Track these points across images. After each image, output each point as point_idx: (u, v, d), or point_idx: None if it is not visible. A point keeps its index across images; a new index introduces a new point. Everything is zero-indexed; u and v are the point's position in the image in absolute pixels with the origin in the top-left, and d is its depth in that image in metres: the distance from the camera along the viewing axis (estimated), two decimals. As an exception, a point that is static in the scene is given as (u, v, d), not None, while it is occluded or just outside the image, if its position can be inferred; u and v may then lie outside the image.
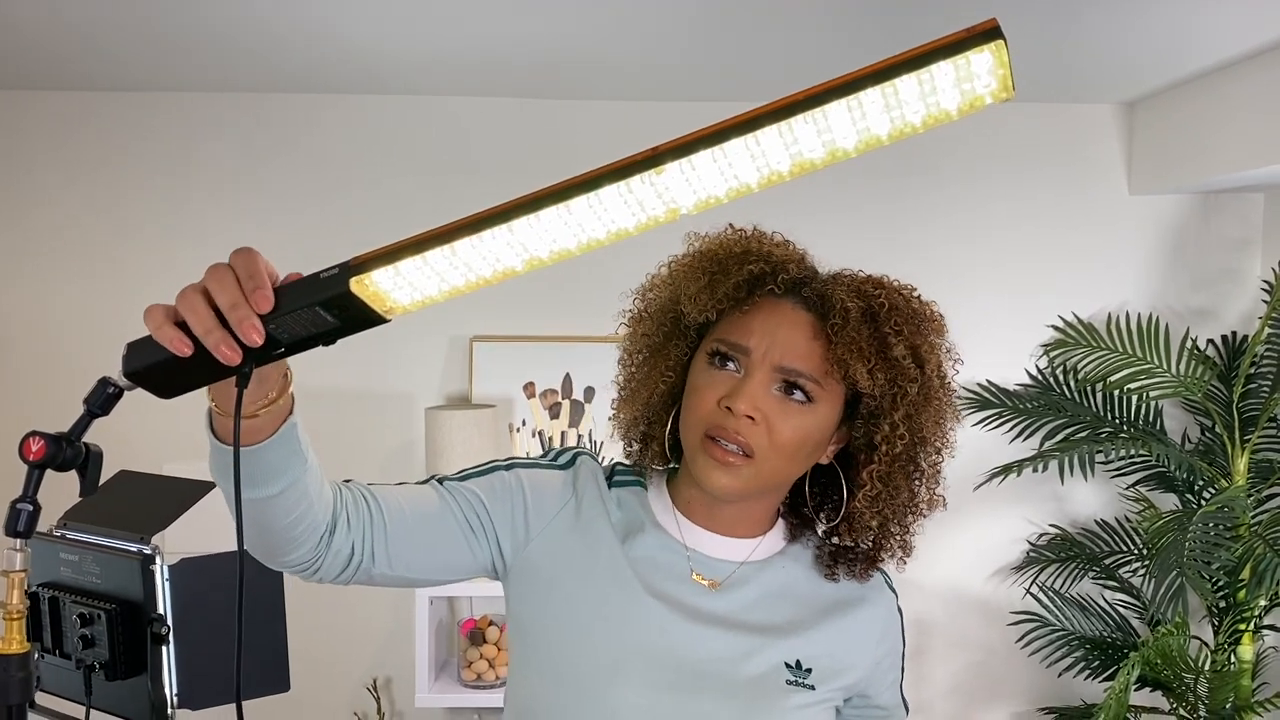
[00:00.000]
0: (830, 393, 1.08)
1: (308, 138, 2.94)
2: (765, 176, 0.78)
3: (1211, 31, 2.29)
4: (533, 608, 1.13)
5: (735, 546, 1.16)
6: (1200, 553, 2.40)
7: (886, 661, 1.20)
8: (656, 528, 1.16)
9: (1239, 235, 3.03)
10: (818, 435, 1.09)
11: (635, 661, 1.07)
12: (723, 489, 1.07)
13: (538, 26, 2.29)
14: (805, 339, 1.07)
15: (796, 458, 1.09)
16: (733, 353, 1.08)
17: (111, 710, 1.67)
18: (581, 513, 1.16)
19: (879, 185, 2.96)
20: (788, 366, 1.06)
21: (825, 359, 1.06)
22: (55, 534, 1.74)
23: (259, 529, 0.95)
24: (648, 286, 1.18)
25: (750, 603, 1.13)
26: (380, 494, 1.07)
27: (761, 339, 1.07)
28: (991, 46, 0.70)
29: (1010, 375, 3.00)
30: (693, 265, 1.12)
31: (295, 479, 0.93)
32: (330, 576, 1.05)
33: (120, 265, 2.93)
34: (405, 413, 2.95)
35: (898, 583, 1.25)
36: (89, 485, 0.89)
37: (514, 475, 1.16)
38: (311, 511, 0.97)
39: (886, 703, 1.23)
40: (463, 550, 1.12)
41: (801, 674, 1.11)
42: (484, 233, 0.79)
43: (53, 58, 2.59)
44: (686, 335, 1.15)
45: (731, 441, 1.05)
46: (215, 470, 0.94)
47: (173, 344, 0.80)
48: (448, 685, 2.74)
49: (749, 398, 1.05)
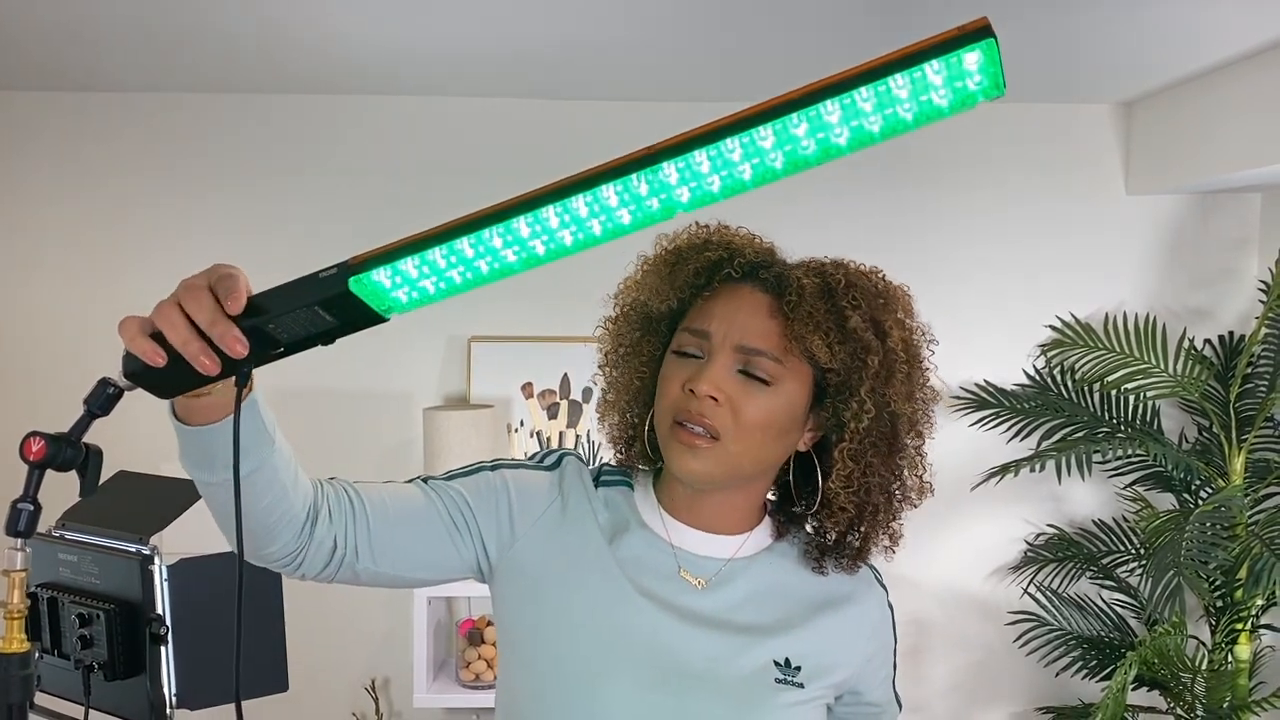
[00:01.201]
0: (794, 372, 1.09)
1: (306, 138, 2.94)
2: (760, 174, 0.79)
3: (1209, 31, 2.30)
4: (519, 609, 1.14)
5: (722, 543, 1.16)
6: (1197, 552, 2.40)
7: (878, 659, 1.20)
8: (643, 527, 1.16)
9: (1236, 235, 3.03)
10: (784, 416, 1.09)
11: (624, 661, 1.08)
12: (692, 473, 1.08)
13: (536, 27, 2.30)
14: (764, 318, 1.09)
15: (764, 440, 1.09)
16: (696, 342, 1.10)
17: (110, 710, 1.67)
18: (567, 513, 1.16)
19: (875, 185, 2.96)
20: (747, 345, 1.08)
21: (784, 336, 1.07)
22: (54, 534, 1.74)
23: (231, 520, 0.93)
24: (619, 291, 1.20)
25: (738, 601, 1.13)
26: (363, 489, 1.08)
27: (721, 322, 1.09)
28: (982, 45, 0.71)
29: (1008, 375, 3.00)
30: (656, 262, 1.15)
31: (263, 460, 0.92)
32: (314, 572, 1.05)
33: (120, 265, 2.93)
34: (403, 413, 2.96)
35: (896, 580, 1.25)
36: (89, 485, 0.89)
37: (499, 476, 1.17)
38: (286, 499, 0.97)
39: (878, 699, 1.22)
40: (447, 549, 1.12)
41: (791, 672, 1.11)
42: (481, 232, 0.80)
43: (49, 58, 2.59)
44: (658, 333, 1.18)
45: (696, 424, 1.07)
46: (185, 459, 0.93)
47: (147, 355, 0.81)
48: (446, 685, 2.74)
49: (710, 379, 1.07)
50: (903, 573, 2.98)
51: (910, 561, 3.13)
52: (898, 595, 1.25)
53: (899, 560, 1.20)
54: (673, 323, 1.16)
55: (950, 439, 2.98)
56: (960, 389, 2.98)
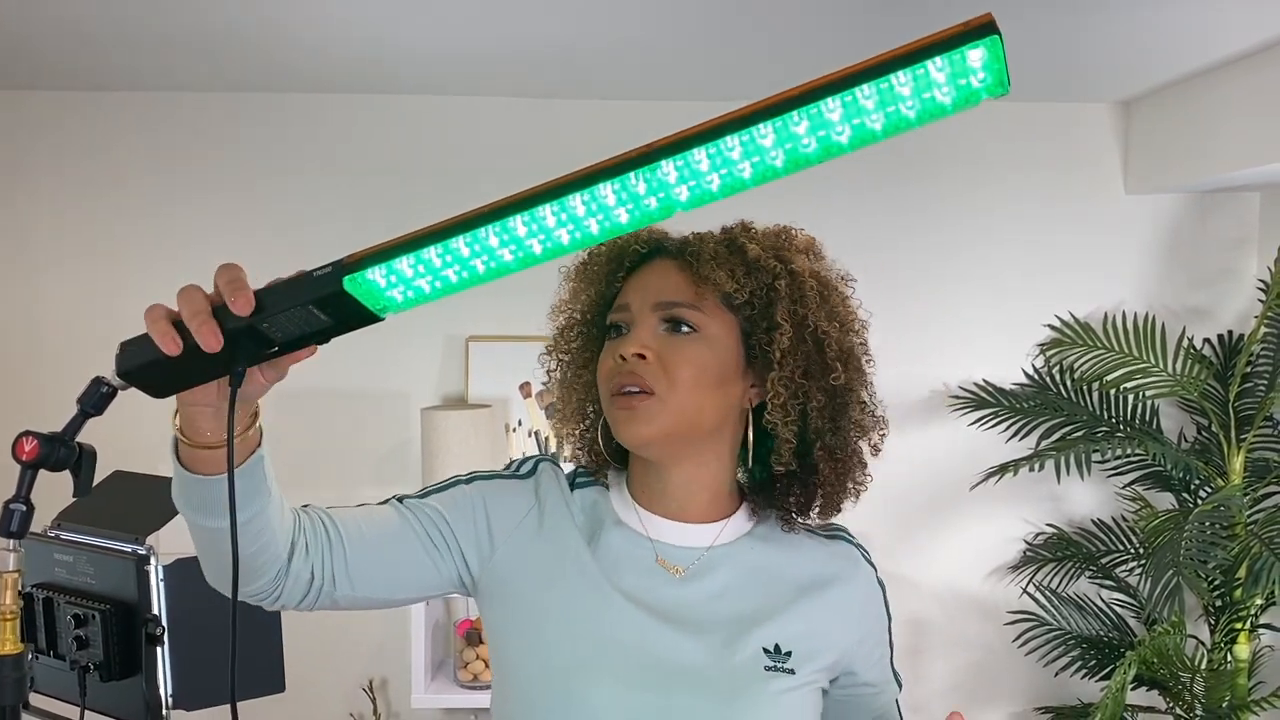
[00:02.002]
0: (716, 319, 1.12)
1: (301, 137, 2.93)
2: (760, 173, 0.78)
3: (1208, 30, 2.29)
4: (504, 619, 1.14)
5: (699, 532, 1.16)
6: (1196, 552, 2.40)
7: (871, 638, 1.19)
8: (619, 524, 1.17)
9: (1235, 234, 3.03)
10: (714, 364, 1.11)
11: (609, 664, 1.07)
12: (639, 436, 1.09)
13: (535, 26, 2.29)
14: (673, 274, 1.13)
15: (700, 388, 1.10)
16: (619, 318, 1.15)
17: (106, 711, 1.67)
18: (545, 519, 1.16)
19: (873, 184, 2.96)
20: (663, 301, 1.12)
21: (694, 282, 1.11)
22: (50, 534, 1.74)
23: (221, 560, 0.96)
24: (550, 316, 1.24)
25: (721, 589, 1.13)
26: (338, 517, 1.08)
27: (637, 292, 1.14)
28: (987, 42, 0.70)
29: (1007, 375, 3.00)
30: (573, 273, 1.21)
31: (259, 511, 0.94)
32: (293, 603, 1.05)
33: (115, 265, 2.92)
34: (401, 413, 2.95)
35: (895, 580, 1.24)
36: (82, 485, 0.89)
37: (475, 488, 1.17)
38: (275, 542, 0.98)
39: (875, 679, 1.21)
40: (426, 567, 1.12)
41: (781, 658, 1.10)
42: (477, 230, 0.79)
43: (44, 56, 2.58)
44: (593, 337, 1.21)
45: (631, 384, 1.09)
46: (180, 500, 0.95)
47: (162, 338, 0.81)
48: (444, 686, 2.73)
49: (634, 338, 1.10)
50: (902, 573, 2.98)
51: (909, 561, 3.15)
52: (897, 595, 1.24)
53: (897, 560, 1.19)
54: (602, 322, 1.19)
55: (949, 438, 2.98)
56: (959, 388, 2.98)
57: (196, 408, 0.89)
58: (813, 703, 1.13)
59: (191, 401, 0.88)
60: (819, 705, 1.15)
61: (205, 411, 0.89)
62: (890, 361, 2.76)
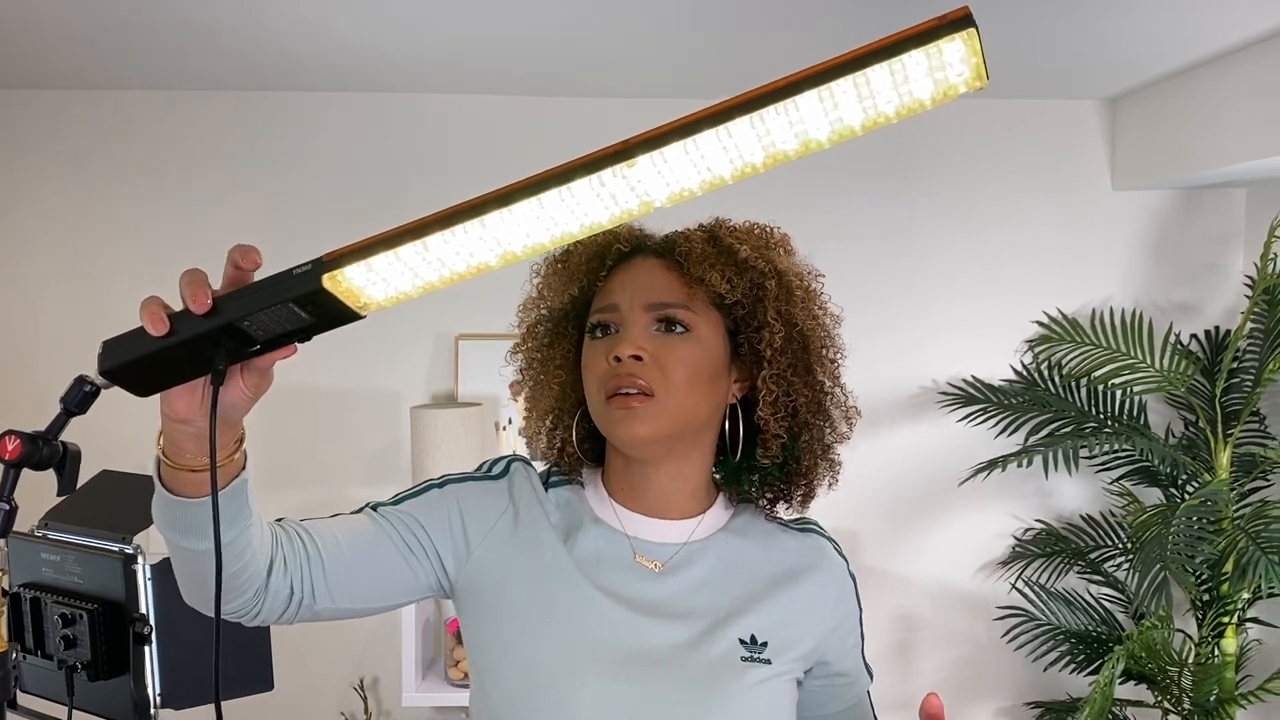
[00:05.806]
0: (706, 319, 1.13)
1: (292, 136, 2.93)
2: (738, 169, 0.79)
3: (1195, 27, 2.30)
4: (482, 621, 1.14)
5: (676, 528, 1.17)
6: (1184, 546, 2.41)
7: (844, 628, 1.21)
8: (596, 522, 1.17)
9: (1221, 230, 3.04)
10: (707, 363, 1.13)
11: (589, 661, 1.08)
12: (638, 437, 1.10)
13: (531, 25, 2.29)
14: (663, 274, 1.14)
15: (695, 388, 1.11)
16: (606, 318, 1.14)
17: (94, 711, 1.66)
18: (520, 519, 1.17)
19: (862, 183, 2.96)
20: (655, 301, 1.12)
21: (685, 283, 1.12)
22: (36, 534, 1.73)
23: (200, 580, 0.96)
24: (519, 314, 1.25)
25: (698, 583, 1.14)
26: (314, 529, 1.08)
27: (625, 291, 1.14)
28: (963, 35, 0.70)
29: (995, 371, 3.01)
30: (547, 269, 1.21)
31: (240, 532, 0.94)
32: (272, 618, 1.06)
33: (101, 264, 2.92)
34: (391, 412, 2.95)
35: (884, 576, 1.25)
36: (66, 483, 0.89)
37: (448, 491, 1.17)
38: (255, 561, 0.99)
39: (847, 669, 1.22)
40: (404, 573, 1.13)
41: (757, 649, 1.11)
42: (456, 227, 0.79)
43: (36, 55, 2.57)
44: (567, 334, 1.21)
45: (629, 385, 1.09)
46: (161, 520, 0.95)
47: (151, 318, 0.81)
48: (435, 684, 2.73)
49: (630, 339, 1.10)
50: (891, 568, 2.98)
51: (899, 557, 3.15)
52: (886, 590, 1.25)
53: (887, 555, 1.20)
54: (578, 320, 1.19)
55: (938, 434, 2.99)
56: (948, 384, 2.99)
57: (179, 426, 0.88)
58: (788, 693, 1.14)
59: (174, 416, 0.87)
60: (794, 695, 1.16)
61: (187, 431, 0.88)
62: (878, 358, 2.79)
